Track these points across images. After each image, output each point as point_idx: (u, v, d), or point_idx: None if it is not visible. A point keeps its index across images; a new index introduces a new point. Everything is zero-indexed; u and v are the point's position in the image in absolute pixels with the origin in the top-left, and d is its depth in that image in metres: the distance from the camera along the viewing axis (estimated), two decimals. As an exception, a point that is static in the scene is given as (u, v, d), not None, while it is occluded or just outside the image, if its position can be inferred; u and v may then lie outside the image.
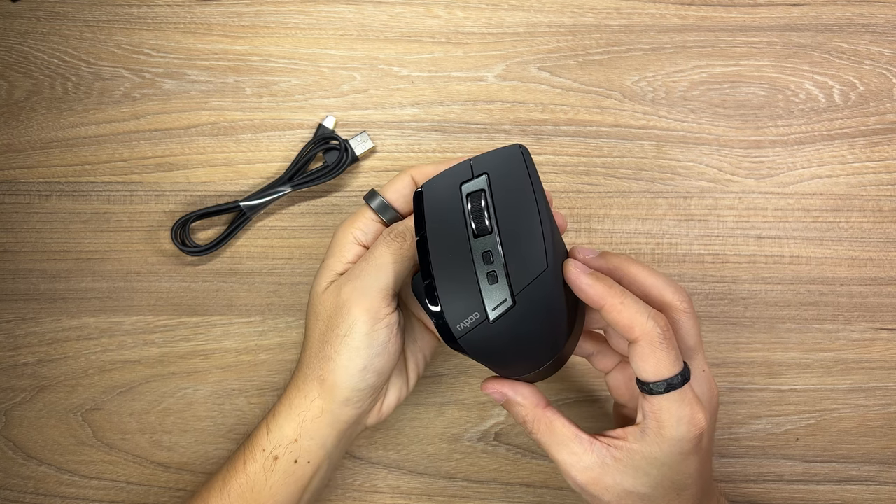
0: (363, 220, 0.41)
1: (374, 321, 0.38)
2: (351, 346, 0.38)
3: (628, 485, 0.36)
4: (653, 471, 0.36)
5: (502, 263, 0.34)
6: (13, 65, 0.50)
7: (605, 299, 0.35)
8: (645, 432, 0.36)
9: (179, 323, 0.49)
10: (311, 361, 0.39)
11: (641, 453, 0.36)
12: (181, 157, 0.49)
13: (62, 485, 0.48)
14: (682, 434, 0.35)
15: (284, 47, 0.50)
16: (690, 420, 0.35)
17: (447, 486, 0.49)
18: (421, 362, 0.44)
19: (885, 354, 0.49)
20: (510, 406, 0.39)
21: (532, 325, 0.35)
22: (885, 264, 0.49)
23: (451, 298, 0.34)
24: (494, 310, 0.34)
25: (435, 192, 0.36)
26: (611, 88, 0.50)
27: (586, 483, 0.36)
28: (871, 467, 0.49)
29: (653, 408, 0.35)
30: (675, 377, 0.35)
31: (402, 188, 0.41)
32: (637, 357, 0.35)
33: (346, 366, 0.38)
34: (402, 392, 0.43)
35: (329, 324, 0.39)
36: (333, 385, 0.39)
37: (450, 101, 0.50)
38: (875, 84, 0.50)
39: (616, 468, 0.36)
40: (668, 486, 0.36)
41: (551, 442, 0.37)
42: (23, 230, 0.49)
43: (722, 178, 0.49)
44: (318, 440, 0.39)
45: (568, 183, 0.49)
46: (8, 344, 0.49)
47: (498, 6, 0.50)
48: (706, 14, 0.50)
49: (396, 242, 0.38)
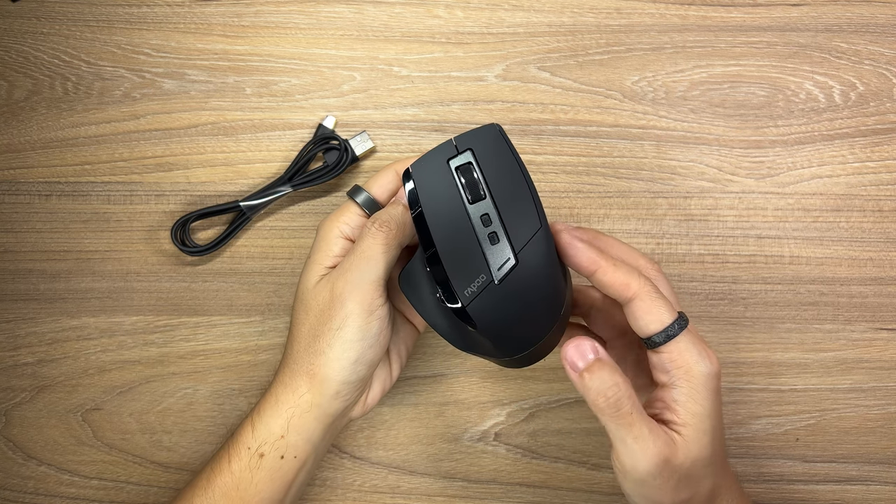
0: (348, 215, 0.41)
1: (368, 313, 0.38)
2: (345, 338, 0.38)
3: (695, 453, 0.35)
4: (700, 424, 0.36)
5: (501, 225, 0.35)
6: (13, 65, 0.50)
7: (598, 262, 0.36)
8: (675, 385, 0.36)
9: (179, 323, 0.49)
10: (299, 356, 0.40)
11: (686, 408, 0.35)
12: (181, 157, 0.49)
13: (62, 485, 0.48)
14: (708, 368, 0.36)
15: (284, 47, 0.50)
16: (708, 354, 0.36)
17: (447, 486, 0.49)
18: (403, 354, 0.44)
19: (885, 354, 0.49)
20: (605, 378, 0.34)
21: (536, 283, 0.35)
22: (885, 264, 0.49)
23: (456, 265, 0.35)
24: (500, 269, 0.35)
25: (424, 169, 0.37)
26: (611, 88, 0.50)
27: (658, 467, 0.34)
28: (871, 467, 0.49)
29: (671, 356, 0.36)
30: (677, 321, 0.36)
31: (386, 183, 0.42)
32: (639, 312, 0.36)
33: (339, 358, 0.38)
34: (387, 384, 0.43)
35: (321, 318, 0.39)
36: (324, 379, 0.39)
37: (450, 101, 0.50)
38: (875, 84, 0.50)
39: (681, 442, 0.35)
40: (717, 437, 0.36)
41: (631, 429, 0.35)
42: (23, 230, 0.49)
43: (722, 178, 0.49)
44: (305, 435, 0.40)
45: (568, 183, 0.49)
46: (8, 344, 0.49)
47: (498, 6, 0.50)
48: (706, 14, 0.50)
49: (382, 232, 0.39)
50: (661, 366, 0.36)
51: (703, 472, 0.36)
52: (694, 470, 0.36)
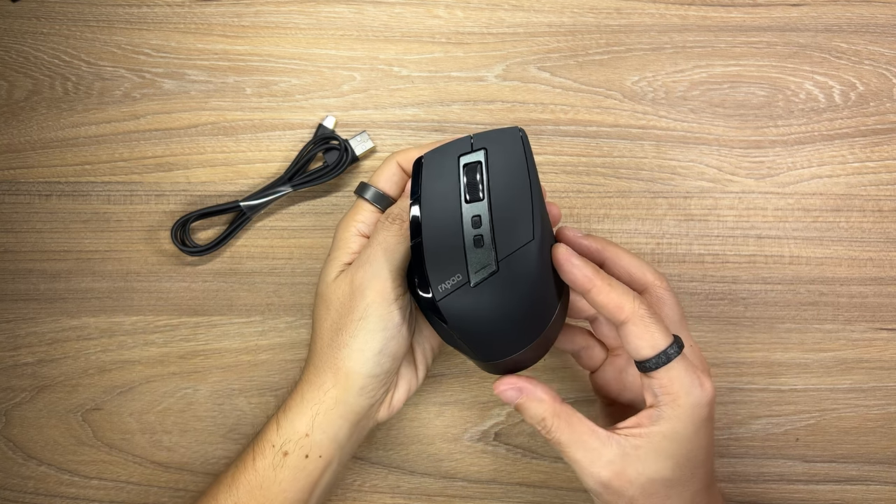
0: (363, 213, 0.41)
1: (388, 303, 0.38)
2: (367, 328, 0.38)
3: (651, 472, 0.36)
4: (674, 449, 0.36)
5: (489, 230, 0.35)
6: (13, 65, 0.50)
7: (593, 282, 0.35)
8: (661, 410, 0.36)
9: (179, 323, 0.49)
10: (323, 352, 0.40)
11: (661, 433, 0.35)
12: (181, 157, 0.49)
13: (62, 485, 0.48)
14: (697, 399, 0.35)
15: (284, 47, 0.50)
16: (700, 384, 0.36)
17: (447, 486, 0.49)
18: (429, 353, 0.44)
19: (885, 354, 0.49)
20: (528, 403, 0.37)
21: (515, 295, 0.35)
22: (885, 264, 0.49)
23: (436, 259, 0.35)
24: (477, 273, 0.34)
25: (434, 161, 0.37)
26: (611, 88, 0.50)
27: (609, 478, 0.36)
28: (871, 467, 0.49)
29: (661, 382, 0.35)
30: (671, 347, 0.35)
31: (391, 175, 0.42)
32: (631, 336, 0.35)
33: (363, 349, 0.38)
34: (412, 384, 0.43)
35: (342, 311, 0.39)
36: (349, 372, 0.39)
37: (450, 101, 0.50)
38: (875, 84, 0.50)
39: (638, 456, 0.36)
40: (688, 465, 0.36)
41: (570, 440, 0.36)
42: (23, 230, 0.49)
43: (722, 178, 0.49)
44: (330, 433, 0.39)
45: (568, 183, 0.49)
46: (8, 344, 0.49)
47: (498, 6, 0.50)
48: (706, 14, 0.50)
49: (395, 225, 0.39)
50: (649, 388, 0.36)
51: (666, 494, 0.36)
52: (652, 489, 0.36)
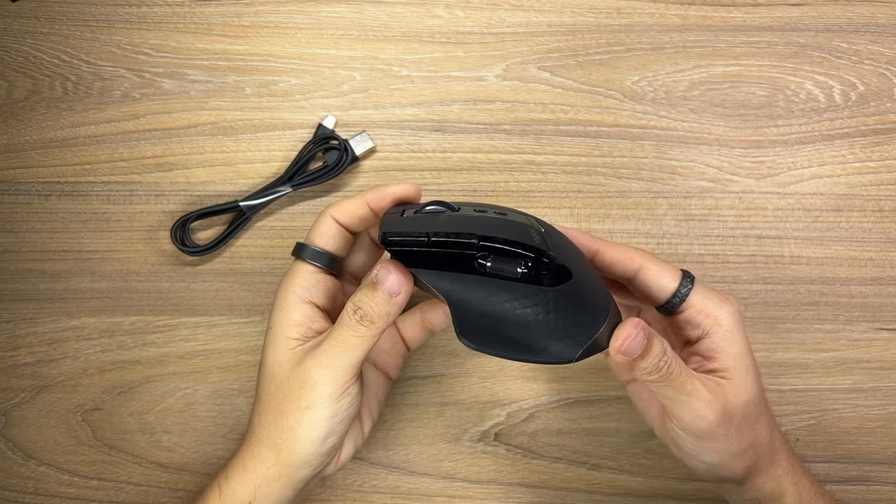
0: (302, 276, 0.39)
1: (340, 394, 0.36)
2: (314, 417, 0.36)
3: (743, 391, 0.37)
4: (744, 363, 0.38)
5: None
6: (13, 65, 0.50)
7: (598, 243, 0.39)
8: (711, 337, 0.38)
9: (179, 323, 0.49)
10: (266, 427, 0.38)
11: (728, 354, 0.38)
12: (181, 157, 0.49)
13: (62, 485, 0.48)
14: (731, 309, 0.38)
15: (284, 47, 0.50)
16: (724, 297, 0.39)
17: (447, 487, 0.49)
18: (375, 408, 0.43)
19: (886, 354, 0.49)
20: (654, 339, 0.35)
21: (588, 297, 0.35)
22: (885, 264, 0.49)
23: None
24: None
25: (393, 219, 0.35)
26: (611, 88, 0.50)
27: (720, 411, 0.36)
28: (871, 467, 0.49)
29: (697, 307, 0.38)
30: (685, 274, 0.39)
31: (327, 230, 0.39)
32: (651, 276, 0.38)
33: (307, 435, 0.37)
34: (358, 441, 0.42)
35: (289, 395, 0.37)
36: (291, 453, 0.37)
37: (450, 101, 0.50)
38: (875, 84, 0.50)
39: (731, 382, 0.37)
40: (756, 371, 0.39)
41: (689, 375, 0.37)
42: (23, 230, 0.49)
43: (722, 178, 0.49)
44: (273, 500, 0.38)
45: (568, 183, 0.49)
46: (8, 344, 0.49)
47: (498, 6, 0.50)
48: (706, 14, 0.50)
49: (364, 327, 0.35)
50: (688, 322, 0.38)
51: (756, 412, 0.38)
52: (748, 410, 0.38)
